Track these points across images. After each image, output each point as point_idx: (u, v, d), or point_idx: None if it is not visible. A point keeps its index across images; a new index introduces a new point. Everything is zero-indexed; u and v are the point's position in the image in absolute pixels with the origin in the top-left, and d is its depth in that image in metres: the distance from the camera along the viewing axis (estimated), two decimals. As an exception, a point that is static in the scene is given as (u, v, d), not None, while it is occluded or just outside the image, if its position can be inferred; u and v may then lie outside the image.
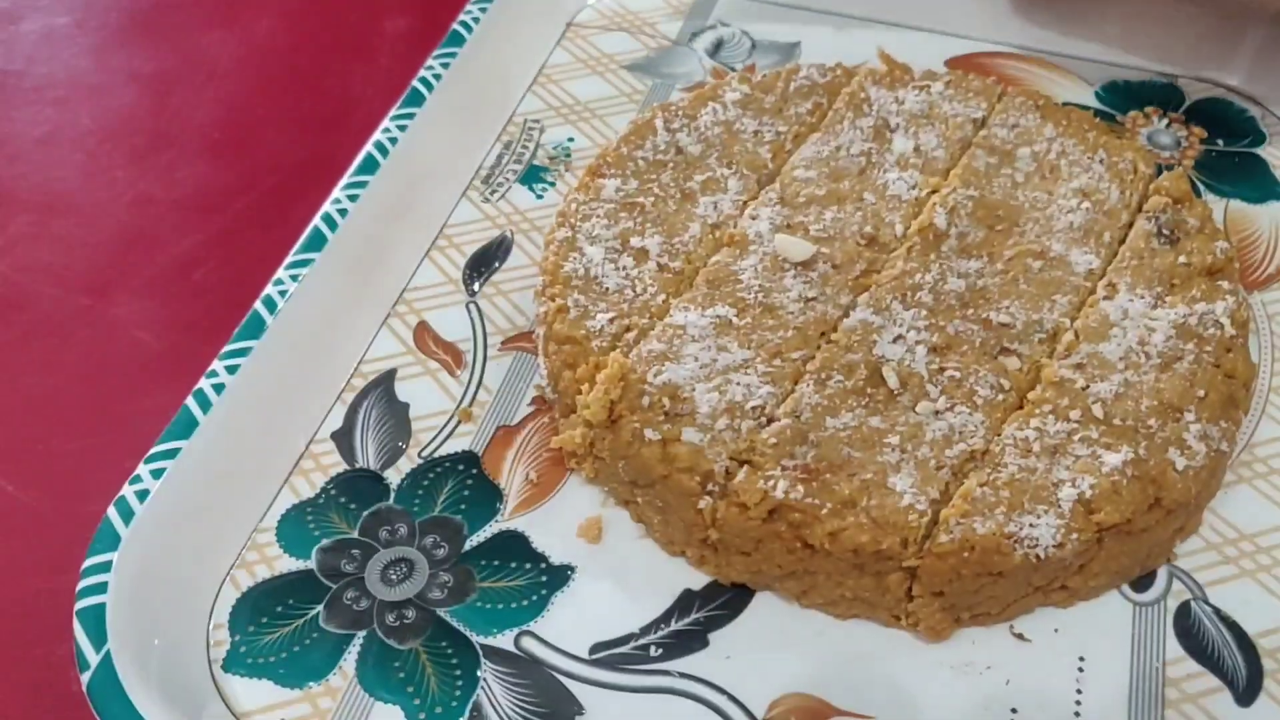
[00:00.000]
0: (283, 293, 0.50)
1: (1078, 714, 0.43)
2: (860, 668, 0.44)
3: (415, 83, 0.59)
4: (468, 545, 0.47)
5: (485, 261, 0.57)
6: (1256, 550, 0.47)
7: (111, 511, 0.44)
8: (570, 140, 0.63)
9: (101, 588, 0.42)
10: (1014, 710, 0.43)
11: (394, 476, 0.49)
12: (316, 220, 0.53)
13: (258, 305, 0.50)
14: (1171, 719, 0.43)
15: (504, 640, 0.44)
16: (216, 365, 0.48)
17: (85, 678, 0.40)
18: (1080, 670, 0.44)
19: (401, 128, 0.57)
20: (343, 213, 0.53)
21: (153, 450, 0.45)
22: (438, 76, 0.60)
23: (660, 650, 0.44)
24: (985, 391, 0.47)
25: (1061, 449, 0.45)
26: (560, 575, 0.46)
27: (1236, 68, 0.67)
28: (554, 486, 0.49)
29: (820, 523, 0.43)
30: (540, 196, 0.60)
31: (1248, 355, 0.49)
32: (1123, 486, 0.44)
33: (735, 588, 0.46)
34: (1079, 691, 0.43)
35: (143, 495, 0.44)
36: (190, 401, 0.47)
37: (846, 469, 0.44)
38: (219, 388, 0.47)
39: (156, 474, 0.44)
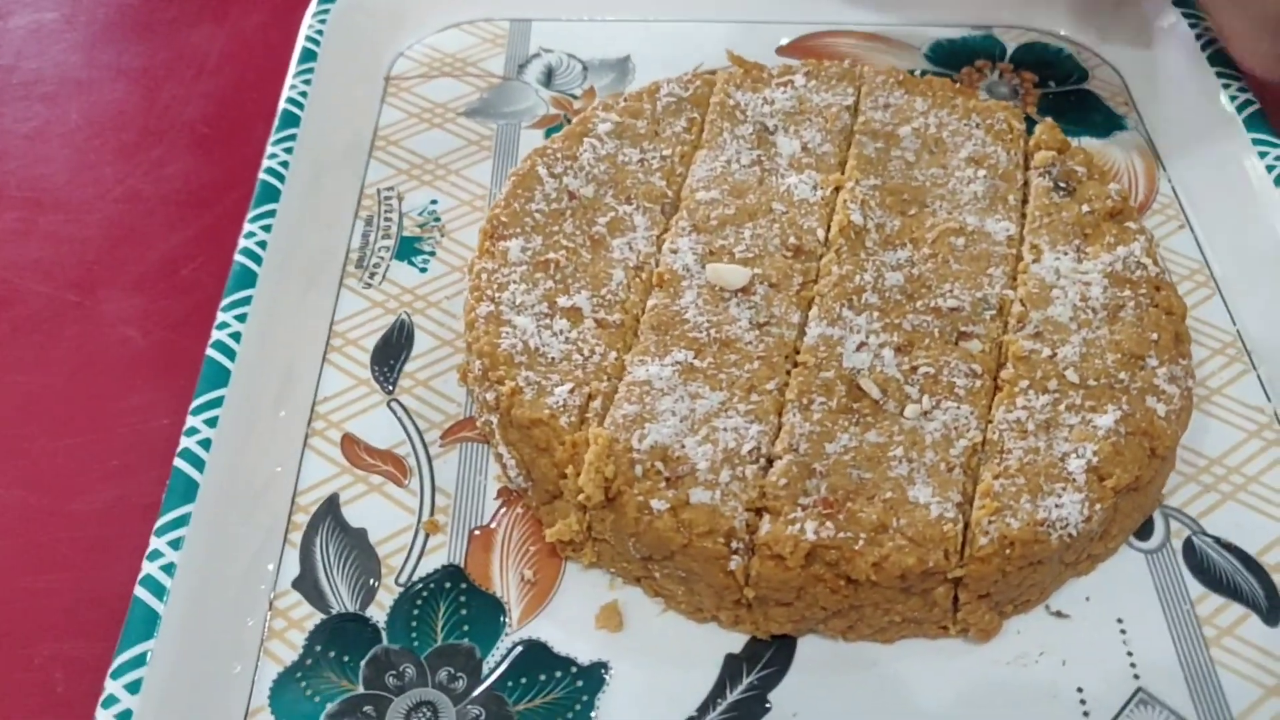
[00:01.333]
0: (203, 443, 0.44)
1: (1137, 675, 0.43)
2: (924, 687, 0.43)
3: (264, 175, 0.54)
4: (486, 669, 0.43)
5: (391, 353, 0.53)
6: (1228, 472, 0.49)
7: (92, 745, 0.37)
8: (434, 203, 0.59)
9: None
10: (1080, 689, 0.43)
11: (378, 614, 0.44)
12: (211, 352, 0.47)
13: (180, 464, 0.44)
14: (1218, 656, 0.44)
15: (562, 762, 0.41)
16: (158, 544, 0.42)
17: None
18: (1123, 632, 0.44)
19: (266, 228, 0.52)
20: (236, 337, 0.48)
21: (120, 661, 0.39)
22: (285, 164, 0.54)
23: (727, 727, 0.42)
24: (962, 381, 0.46)
25: (1054, 422, 0.45)
26: (595, 675, 0.43)
27: (1042, 10, 0.69)
28: (554, 581, 0.46)
29: (860, 555, 0.41)
30: (424, 270, 0.56)
31: (1174, 288, 0.50)
32: (1122, 446, 0.44)
33: (776, 639, 0.44)
34: (1130, 654, 0.44)
35: (124, 716, 0.38)
36: (142, 592, 0.40)
37: (863, 493, 0.43)
38: (169, 568, 0.41)
39: (132, 687, 0.38)
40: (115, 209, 0.61)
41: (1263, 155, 0.56)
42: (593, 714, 0.42)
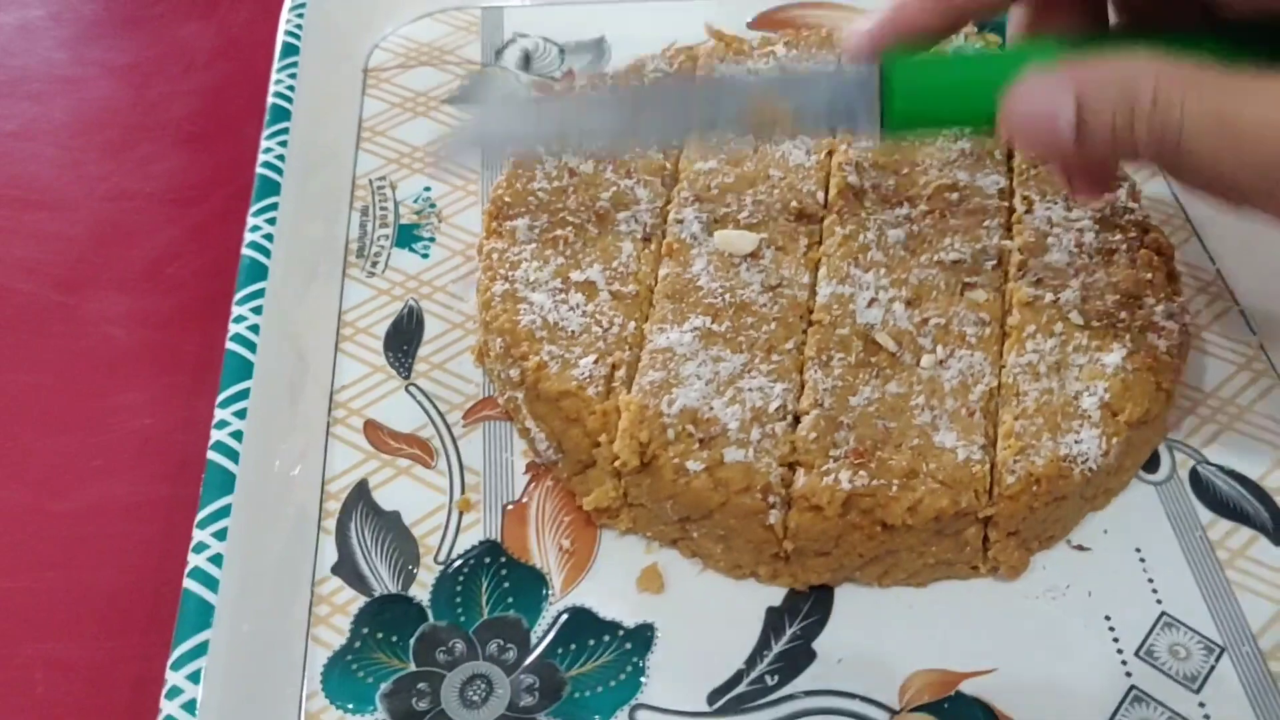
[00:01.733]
0: (235, 434, 0.44)
1: (1160, 600, 0.45)
2: (961, 627, 0.44)
3: (261, 169, 0.54)
4: (535, 639, 0.44)
5: (403, 339, 0.53)
6: (1224, 403, 0.51)
7: (163, 732, 0.38)
8: (428, 190, 0.59)
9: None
10: (1108, 617, 0.44)
11: (421, 593, 0.45)
12: (231, 345, 0.47)
13: (214, 456, 0.44)
14: (1234, 577, 0.46)
15: (619, 722, 0.42)
16: (202, 536, 0.42)
17: None
18: (1142, 560, 0.46)
19: (271, 221, 0.52)
20: (254, 329, 0.48)
21: (180, 651, 0.39)
22: (281, 158, 0.54)
23: (776, 677, 0.43)
24: (972, 329, 0.48)
25: (1064, 363, 0.47)
26: (642, 636, 0.44)
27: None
28: (591, 548, 0.46)
29: (895, 501, 0.43)
30: (425, 255, 0.56)
31: (1161, 230, 0.52)
32: (1131, 382, 0.46)
33: (814, 590, 0.45)
34: (1150, 580, 0.45)
35: (190, 706, 0.38)
36: (192, 584, 0.41)
37: (891, 441, 0.44)
38: (216, 559, 0.41)
39: (194, 677, 0.38)
40: (101, 207, 0.61)
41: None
42: (645, 674, 0.43)
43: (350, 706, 0.42)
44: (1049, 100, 0.38)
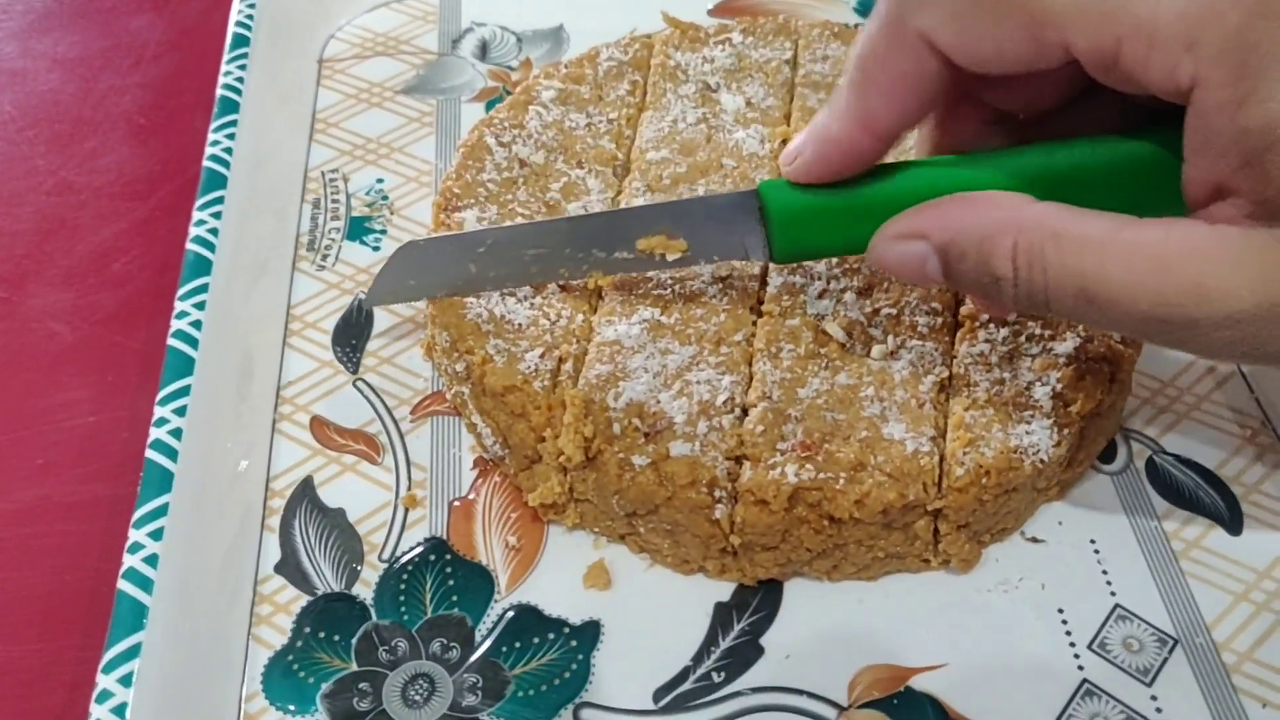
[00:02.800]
0: (174, 432, 0.44)
1: (1114, 592, 0.44)
2: (913, 621, 0.44)
3: (208, 162, 0.53)
4: (479, 637, 0.43)
5: (351, 333, 0.52)
6: (1181, 392, 0.51)
7: (91, 740, 0.37)
8: (380, 182, 0.59)
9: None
10: (1060, 610, 0.44)
11: (364, 591, 0.44)
12: (173, 341, 0.46)
13: (152, 455, 0.43)
14: (1188, 568, 0.45)
15: (563, 720, 0.41)
16: (138, 536, 0.41)
17: None
18: (1097, 552, 0.46)
19: (216, 215, 0.51)
20: (197, 325, 0.47)
21: (111, 655, 0.38)
22: (229, 151, 0.53)
23: (722, 674, 0.42)
24: (923, 319, 0.47)
25: (1016, 353, 0.46)
26: (588, 634, 0.43)
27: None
28: (538, 545, 0.46)
29: (842, 494, 0.42)
30: (377, 248, 0.56)
31: (1118, 218, 0.52)
32: (1084, 371, 0.45)
33: (763, 584, 0.45)
34: (1105, 572, 0.45)
35: (121, 710, 0.37)
36: (126, 585, 0.40)
37: (839, 434, 0.44)
38: (151, 559, 0.40)
39: (125, 681, 0.38)
40: (47, 201, 0.60)
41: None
42: (590, 671, 0.42)
43: (291, 708, 0.41)
44: (913, 255, 0.39)
